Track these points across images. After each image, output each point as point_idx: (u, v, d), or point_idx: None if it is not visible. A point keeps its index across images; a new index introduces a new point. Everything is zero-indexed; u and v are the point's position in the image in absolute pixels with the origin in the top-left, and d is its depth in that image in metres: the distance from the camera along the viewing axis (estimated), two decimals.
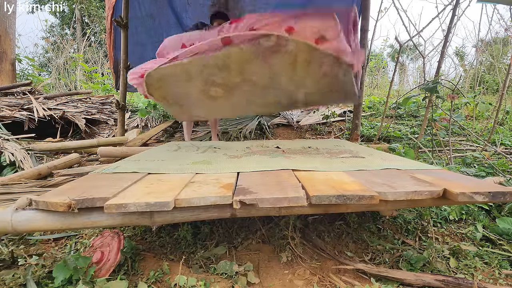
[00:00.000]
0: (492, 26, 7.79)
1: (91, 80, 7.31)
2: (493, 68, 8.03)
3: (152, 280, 1.23)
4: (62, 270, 1.12)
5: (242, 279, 1.24)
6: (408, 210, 1.83)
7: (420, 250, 1.47)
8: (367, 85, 8.91)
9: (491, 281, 1.28)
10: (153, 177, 1.38)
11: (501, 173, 2.33)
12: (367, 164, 1.66)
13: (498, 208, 1.90)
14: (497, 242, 1.58)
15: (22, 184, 1.86)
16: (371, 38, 4.51)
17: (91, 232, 1.62)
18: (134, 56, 3.19)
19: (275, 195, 1.06)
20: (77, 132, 3.83)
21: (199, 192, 1.09)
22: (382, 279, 1.27)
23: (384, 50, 11.37)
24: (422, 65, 4.63)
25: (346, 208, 1.21)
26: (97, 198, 1.03)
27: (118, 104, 2.88)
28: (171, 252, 1.44)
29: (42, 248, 1.49)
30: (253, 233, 1.62)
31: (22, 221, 1.06)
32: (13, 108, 3.36)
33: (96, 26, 10.92)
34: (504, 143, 3.72)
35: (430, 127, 3.07)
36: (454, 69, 8.86)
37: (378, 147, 2.90)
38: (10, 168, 2.34)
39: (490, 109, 4.90)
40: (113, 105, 4.41)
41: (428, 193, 1.11)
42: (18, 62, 6.08)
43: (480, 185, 1.20)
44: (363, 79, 3.38)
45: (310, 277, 1.30)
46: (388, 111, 5.02)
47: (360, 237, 1.61)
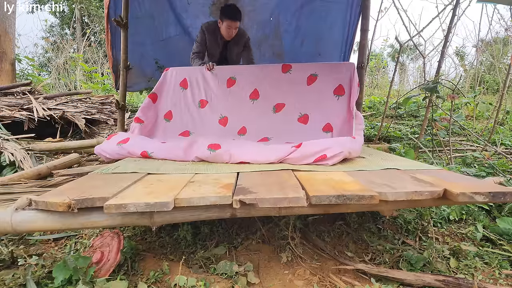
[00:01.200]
0: (492, 26, 7.74)
1: (91, 80, 7.31)
2: (493, 68, 8.03)
3: (152, 280, 1.23)
4: (62, 270, 1.12)
5: (242, 279, 1.24)
6: (408, 210, 1.83)
7: (420, 250, 1.47)
8: (367, 85, 8.91)
9: (491, 281, 1.28)
10: (152, 177, 1.37)
11: (501, 173, 2.33)
12: (367, 164, 1.66)
13: (498, 208, 1.89)
14: (497, 242, 1.58)
15: (22, 184, 1.86)
16: (371, 38, 4.52)
17: (91, 232, 1.62)
18: (134, 56, 3.19)
19: (275, 195, 1.06)
20: (77, 132, 3.83)
21: (199, 192, 1.09)
22: (382, 279, 1.27)
23: (384, 50, 11.39)
24: (422, 65, 4.63)
25: (346, 208, 1.21)
26: (97, 198, 1.03)
27: (118, 104, 2.87)
28: (171, 252, 1.44)
29: (42, 248, 1.49)
30: (253, 233, 1.61)
31: (22, 221, 1.06)
32: (13, 108, 3.35)
33: (96, 26, 10.90)
34: (504, 143, 3.72)
35: (430, 127, 3.07)
36: (454, 69, 8.85)
37: (378, 147, 2.90)
38: (10, 168, 2.34)
39: (490, 109, 4.90)
40: (113, 105, 4.40)
41: (428, 193, 1.11)
42: (18, 62, 6.08)
43: (480, 185, 1.20)
44: (363, 79, 3.38)
45: (310, 277, 1.30)
46: (388, 111, 5.01)
47: (360, 237, 1.61)
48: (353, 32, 3.64)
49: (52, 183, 1.87)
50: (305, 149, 1.70)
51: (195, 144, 1.93)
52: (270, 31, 3.90)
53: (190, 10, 3.59)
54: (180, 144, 1.95)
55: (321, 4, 3.52)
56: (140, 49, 3.59)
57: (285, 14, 3.74)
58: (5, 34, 5.39)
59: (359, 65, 3.31)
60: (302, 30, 3.82)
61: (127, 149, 1.97)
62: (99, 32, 10.74)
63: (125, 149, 1.97)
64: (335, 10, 3.53)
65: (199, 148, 1.86)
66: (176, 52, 3.78)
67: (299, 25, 3.79)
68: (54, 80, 7.18)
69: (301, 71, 2.54)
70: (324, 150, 1.65)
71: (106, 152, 2.02)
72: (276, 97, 2.51)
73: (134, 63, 3.19)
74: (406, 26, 9.17)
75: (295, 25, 3.81)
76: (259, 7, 3.69)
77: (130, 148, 1.96)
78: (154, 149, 1.93)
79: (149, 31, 3.58)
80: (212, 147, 1.82)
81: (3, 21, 5.34)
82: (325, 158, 1.63)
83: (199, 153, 1.83)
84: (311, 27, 3.75)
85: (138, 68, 3.65)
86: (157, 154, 1.91)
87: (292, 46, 3.96)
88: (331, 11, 3.54)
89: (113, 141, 2.06)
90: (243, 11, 3.72)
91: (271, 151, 1.76)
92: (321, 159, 1.64)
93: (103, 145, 2.07)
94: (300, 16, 3.72)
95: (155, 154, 1.91)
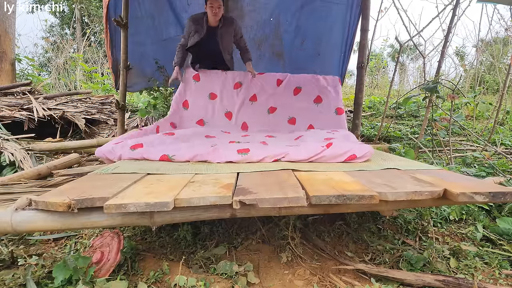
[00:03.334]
0: (492, 26, 7.74)
1: (91, 80, 7.31)
2: (493, 68, 8.03)
3: (152, 280, 1.23)
4: (62, 270, 1.12)
5: (242, 279, 1.24)
6: (408, 210, 1.83)
7: (420, 250, 1.47)
8: (367, 85, 8.91)
9: (491, 281, 1.28)
10: (152, 177, 1.37)
11: (501, 173, 2.33)
12: (367, 164, 1.66)
13: (498, 208, 1.89)
14: (497, 242, 1.58)
15: (22, 184, 1.86)
16: (371, 38, 4.52)
17: (91, 232, 1.62)
18: (134, 56, 3.19)
19: (275, 195, 1.06)
20: (77, 132, 3.83)
21: (199, 192, 1.09)
22: (382, 279, 1.27)
23: (384, 50, 11.39)
24: (422, 65, 4.63)
25: (346, 208, 1.21)
26: (97, 198, 1.03)
27: (118, 104, 2.88)
28: (171, 252, 1.44)
29: (42, 248, 1.49)
30: (253, 233, 1.61)
31: (22, 221, 1.06)
32: (13, 108, 3.35)
33: (96, 26, 10.90)
34: (504, 143, 3.72)
35: (430, 127, 3.07)
36: (454, 69, 8.86)
37: (378, 147, 2.90)
38: (10, 168, 2.34)
39: (490, 109, 4.90)
40: (113, 105, 4.41)
41: (429, 193, 1.11)
42: (18, 62, 6.07)
43: (480, 185, 1.20)
44: (363, 79, 3.38)
45: (310, 277, 1.30)
46: (388, 111, 5.02)
47: (360, 237, 1.61)
48: (353, 32, 3.64)
49: (52, 183, 1.87)
50: (334, 150, 1.78)
51: (221, 150, 1.79)
52: (270, 31, 3.90)
53: (190, 10, 3.59)
54: (202, 148, 1.84)
55: (321, 4, 3.52)
56: (140, 49, 3.59)
57: (285, 14, 3.75)
58: (5, 34, 5.39)
59: (359, 65, 3.31)
60: (302, 30, 3.83)
61: (141, 154, 1.78)
62: (99, 32, 10.74)
63: (140, 154, 1.79)
64: (335, 10, 3.53)
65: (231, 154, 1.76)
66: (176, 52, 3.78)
67: (299, 25, 3.80)
68: (54, 80, 7.18)
69: (290, 83, 3.21)
70: (350, 151, 1.76)
71: (114, 156, 1.80)
72: (270, 102, 3.14)
73: (134, 63, 3.19)
74: (406, 26, 9.18)
75: (295, 25, 3.82)
76: (259, 7, 3.70)
77: (145, 154, 1.78)
78: (175, 152, 1.79)
79: (149, 31, 3.58)
80: (242, 151, 1.81)
81: (3, 21, 5.34)
82: (354, 158, 1.75)
83: (233, 158, 1.74)
84: (311, 27, 3.76)
85: (138, 68, 3.66)
86: (179, 157, 1.76)
87: (292, 46, 3.97)
88: (331, 11, 3.55)
89: (124, 145, 1.84)
90: (243, 11, 3.73)
91: (301, 150, 1.79)
92: (351, 159, 1.75)
93: (107, 147, 1.84)
94: (300, 16, 3.72)
95: (177, 157, 1.76)
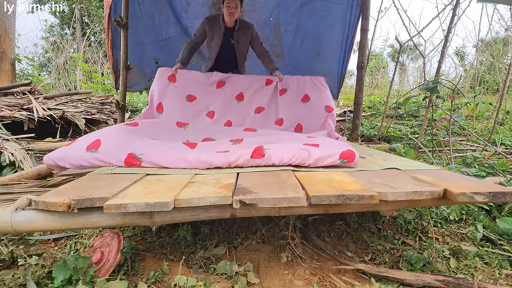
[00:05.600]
0: (492, 26, 7.76)
1: (91, 80, 7.31)
2: (493, 68, 8.02)
3: (152, 280, 1.23)
4: (62, 270, 1.12)
5: (242, 279, 1.23)
6: (408, 210, 1.83)
7: (420, 250, 1.47)
8: (367, 85, 8.91)
9: (491, 281, 1.28)
10: (152, 177, 1.37)
11: (501, 173, 2.33)
12: (367, 164, 1.66)
13: (498, 208, 1.89)
14: (497, 242, 1.58)
15: (22, 184, 1.85)
16: (371, 38, 4.52)
17: (91, 232, 1.62)
18: (134, 56, 3.19)
19: (275, 195, 1.06)
20: (77, 132, 3.83)
21: (199, 192, 1.09)
22: (382, 279, 1.27)
23: (384, 50, 11.37)
24: (422, 65, 4.63)
25: (346, 208, 1.21)
26: (97, 198, 1.03)
27: (118, 104, 2.88)
28: (171, 252, 1.44)
29: (42, 248, 1.49)
30: (253, 233, 1.61)
31: (22, 221, 1.06)
32: (12, 108, 3.35)
33: (96, 26, 10.90)
34: (504, 143, 3.72)
35: (430, 127, 3.07)
36: (454, 69, 8.85)
37: (379, 147, 2.90)
38: (10, 168, 2.34)
39: (490, 109, 4.90)
40: (113, 105, 4.40)
41: (429, 193, 1.11)
42: (18, 62, 6.07)
43: (480, 185, 1.20)
44: (363, 79, 3.38)
45: (310, 277, 1.30)
46: (388, 111, 5.01)
47: (360, 237, 1.61)
48: (353, 32, 3.64)
49: (52, 183, 1.87)
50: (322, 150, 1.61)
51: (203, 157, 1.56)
52: (270, 31, 3.90)
53: (190, 10, 3.60)
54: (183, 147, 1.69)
55: (321, 4, 3.52)
56: (140, 49, 3.59)
57: (285, 14, 3.75)
58: (5, 34, 5.39)
59: (359, 65, 3.32)
60: (302, 30, 3.83)
61: (99, 158, 1.55)
62: (99, 32, 10.73)
63: (97, 158, 1.55)
64: (335, 10, 3.53)
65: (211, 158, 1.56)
66: (176, 52, 3.76)
67: (299, 25, 3.80)
68: (54, 80, 7.17)
69: (278, 85, 3.04)
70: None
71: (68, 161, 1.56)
72: (257, 102, 2.96)
73: (134, 63, 3.19)
74: (406, 26, 9.20)
75: (295, 25, 3.82)
76: (259, 7, 3.70)
77: (105, 157, 1.55)
78: (144, 151, 1.58)
79: (149, 31, 3.58)
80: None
81: (3, 21, 5.34)
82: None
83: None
84: (311, 27, 3.76)
85: (138, 68, 3.66)
86: (149, 158, 1.55)
87: (292, 46, 3.96)
88: (331, 11, 3.55)
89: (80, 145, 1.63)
90: (243, 11, 3.72)
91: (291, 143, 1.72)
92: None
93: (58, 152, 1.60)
94: (300, 16, 3.72)
95: (145, 157, 1.55)
